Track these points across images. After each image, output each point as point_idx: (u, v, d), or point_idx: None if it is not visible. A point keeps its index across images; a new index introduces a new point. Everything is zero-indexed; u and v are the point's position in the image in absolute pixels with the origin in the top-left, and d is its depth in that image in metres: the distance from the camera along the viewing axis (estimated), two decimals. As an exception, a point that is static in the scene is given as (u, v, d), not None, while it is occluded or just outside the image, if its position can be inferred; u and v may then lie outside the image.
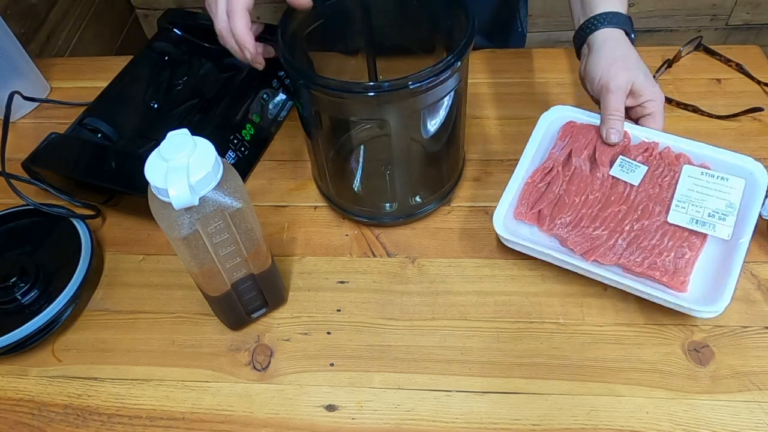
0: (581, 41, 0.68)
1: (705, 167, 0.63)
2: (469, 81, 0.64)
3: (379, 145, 0.76)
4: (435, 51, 0.69)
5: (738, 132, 0.77)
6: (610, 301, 0.63)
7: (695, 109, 0.80)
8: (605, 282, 0.60)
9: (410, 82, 0.53)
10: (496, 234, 0.62)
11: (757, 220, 0.63)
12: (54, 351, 0.64)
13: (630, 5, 0.73)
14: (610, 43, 0.65)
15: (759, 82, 0.82)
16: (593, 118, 0.68)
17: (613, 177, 0.64)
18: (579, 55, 0.70)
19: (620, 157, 0.65)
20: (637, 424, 0.55)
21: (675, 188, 0.62)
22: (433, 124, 0.67)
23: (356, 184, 0.74)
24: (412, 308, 0.64)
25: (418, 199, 0.69)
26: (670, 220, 0.60)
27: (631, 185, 0.63)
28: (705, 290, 0.58)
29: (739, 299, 0.62)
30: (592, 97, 0.68)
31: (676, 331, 0.60)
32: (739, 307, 0.62)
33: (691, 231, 0.60)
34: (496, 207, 0.63)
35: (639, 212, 0.62)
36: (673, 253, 0.59)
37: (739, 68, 0.84)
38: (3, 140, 0.76)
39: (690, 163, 0.64)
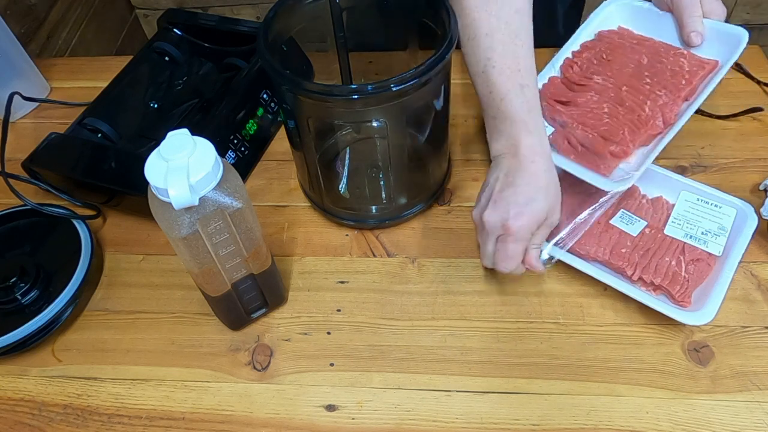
0: None
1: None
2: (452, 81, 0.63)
3: (364, 148, 0.76)
4: (413, 48, 0.69)
5: (738, 132, 0.77)
6: (610, 301, 0.63)
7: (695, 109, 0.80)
8: (603, 280, 0.60)
9: (393, 84, 0.53)
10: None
11: (758, 222, 0.63)
12: (54, 351, 0.64)
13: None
14: None
15: (759, 82, 0.82)
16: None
17: None
18: None
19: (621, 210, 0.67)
20: (637, 424, 0.55)
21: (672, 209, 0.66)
22: (417, 125, 0.66)
23: (342, 187, 0.74)
24: (412, 308, 0.64)
25: (403, 200, 0.69)
26: (666, 233, 0.64)
27: None
28: (693, 300, 0.60)
29: (739, 299, 0.62)
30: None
31: (676, 331, 0.60)
32: (739, 307, 0.62)
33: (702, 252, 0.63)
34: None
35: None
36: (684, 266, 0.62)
37: (739, 68, 0.84)
38: (3, 140, 0.76)
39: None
